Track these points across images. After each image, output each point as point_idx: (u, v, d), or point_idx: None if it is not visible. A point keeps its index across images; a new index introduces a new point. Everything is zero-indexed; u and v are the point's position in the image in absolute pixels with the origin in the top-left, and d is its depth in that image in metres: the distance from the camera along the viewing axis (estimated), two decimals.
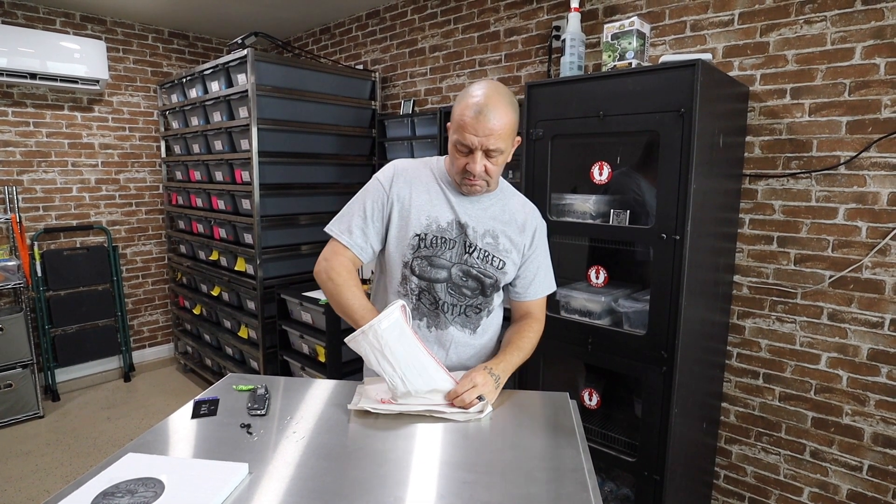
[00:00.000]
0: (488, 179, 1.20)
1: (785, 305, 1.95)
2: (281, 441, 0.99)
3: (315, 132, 3.05)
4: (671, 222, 1.61)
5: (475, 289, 1.28)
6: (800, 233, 1.89)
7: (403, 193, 1.26)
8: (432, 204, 1.25)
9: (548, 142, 1.90)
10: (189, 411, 1.11)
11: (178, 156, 3.61)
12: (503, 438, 1.01)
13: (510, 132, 1.15)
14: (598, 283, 1.94)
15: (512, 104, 1.15)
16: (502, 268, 1.28)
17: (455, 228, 1.25)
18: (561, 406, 1.15)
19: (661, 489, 1.69)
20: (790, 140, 1.87)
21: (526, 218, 1.31)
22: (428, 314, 1.29)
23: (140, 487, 0.82)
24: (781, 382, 1.99)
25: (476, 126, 1.12)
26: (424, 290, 1.27)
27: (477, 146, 1.13)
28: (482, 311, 1.31)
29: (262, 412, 1.09)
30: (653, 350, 1.70)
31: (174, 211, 3.71)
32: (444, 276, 1.26)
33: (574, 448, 0.97)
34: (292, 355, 2.87)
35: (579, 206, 1.94)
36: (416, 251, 1.25)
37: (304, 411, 1.11)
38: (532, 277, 1.33)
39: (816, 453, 1.94)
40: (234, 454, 0.94)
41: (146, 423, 3.11)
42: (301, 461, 0.92)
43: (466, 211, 1.26)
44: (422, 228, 1.24)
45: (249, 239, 2.92)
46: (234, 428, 1.03)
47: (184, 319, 3.86)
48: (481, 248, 1.25)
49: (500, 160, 1.18)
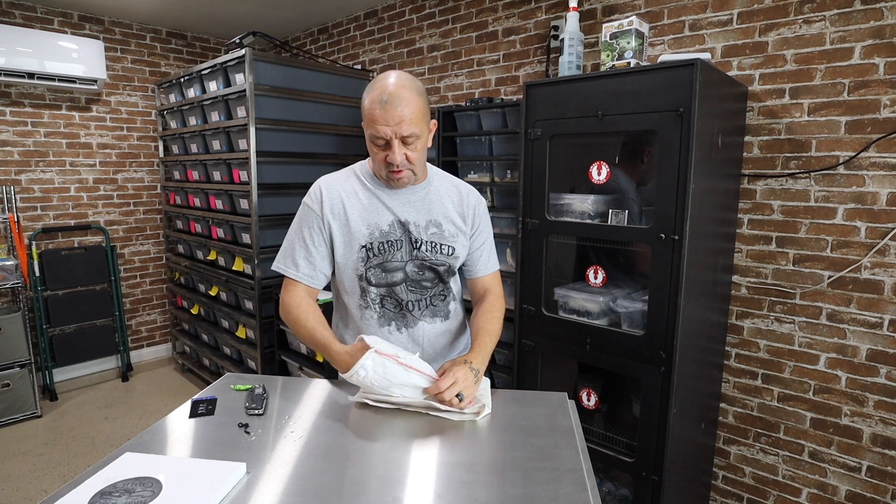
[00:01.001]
0: (412, 168, 1.21)
1: (784, 306, 1.95)
2: (279, 441, 0.99)
3: (313, 132, 3.04)
4: (670, 222, 1.62)
5: (433, 279, 1.31)
6: (799, 233, 1.89)
7: (337, 209, 1.26)
8: (368, 211, 1.26)
9: (546, 141, 1.90)
10: (187, 411, 1.11)
11: (175, 156, 3.60)
12: (501, 438, 1.01)
13: (421, 116, 1.16)
14: (597, 283, 1.94)
15: (416, 89, 1.16)
16: (452, 253, 1.30)
17: (398, 228, 1.26)
18: (559, 406, 1.15)
19: (659, 489, 1.70)
20: (789, 140, 1.87)
21: (462, 198, 1.33)
22: (395, 317, 1.30)
23: (137, 487, 0.82)
24: (780, 383, 1.99)
25: (385, 116, 1.13)
26: (385, 295, 1.29)
27: (391, 135, 1.15)
28: (447, 297, 1.34)
29: (260, 412, 1.09)
30: (651, 350, 1.70)
31: (172, 211, 3.70)
32: (400, 277, 1.28)
33: (573, 448, 0.97)
34: (290, 355, 2.87)
35: (578, 205, 1.94)
36: (367, 262, 1.26)
37: (302, 411, 1.11)
38: (480, 254, 1.37)
39: (815, 454, 1.94)
40: (232, 454, 0.94)
41: (144, 422, 3.10)
42: (299, 461, 0.92)
43: (403, 207, 1.27)
44: (365, 238, 1.25)
45: (247, 239, 2.92)
46: (232, 427, 1.03)
47: (182, 319, 3.86)
48: (427, 241, 1.27)
49: (419, 145, 1.19)
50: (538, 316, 1.99)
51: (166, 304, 4.10)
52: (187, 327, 3.84)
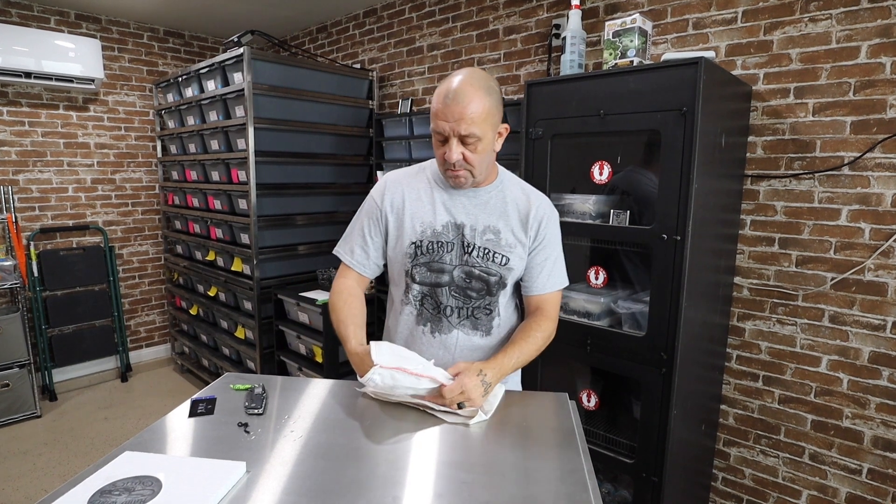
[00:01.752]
0: (471, 169, 1.17)
1: (786, 307, 1.96)
2: (279, 440, 0.99)
3: (312, 132, 3.05)
4: (672, 223, 1.62)
5: (481, 289, 1.26)
6: (802, 234, 1.90)
7: (396, 204, 1.27)
8: (426, 209, 1.26)
9: (547, 141, 1.91)
10: (186, 410, 1.11)
11: (174, 155, 3.61)
12: (502, 438, 1.01)
13: (485, 117, 1.12)
14: (598, 284, 1.95)
15: (487, 88, 1.12)
16: (506, 264, 1.25)
17: (451, 230, 1.25)
18: (560, 406, 1.15)
19: (659, 491, 1.70)
20: (793, 140, 1.88)
21: (530, 208, 1.27)
22: (431, 319, 1.29)
23: (137, 486, 0.82)
24: (781, 385, 1.99)
25: (446, 112, 1.11)
26: (427, 295, 1.28)
27: (449, 132, 1.12)
28: (493, 312, 1.29)
29: (260, 411, 1.10)
30: (652, 352, 1.70)
31: (170, 211, 3.71)
32: (446, 279, 1.26)
33: (574, 449, 0.97)
34: (289, 356, 2.88)
35: (579, 206, 1.95)
36: (413, 259, 1.26)
37: (302, 410, 1.12)
38: (539, 270, 1.29)
39: (816, 456, 1.94)
40: (232, 453, 0.94)
41: (143, 423, 3.11)
42: (299, 460, 0.93)
43: (463, 209, 1.25)
44: (416, 236, 1.25)
45: (246, 239, 2.93)
46: (232, 427, 1.04)
47: (180, 320, 3.87)
48: (480, 247, 1.24)
49: (480, 147, 1.15)
50: None
51: (165, 304, 4.11)
52: (186, 328, 3.85)
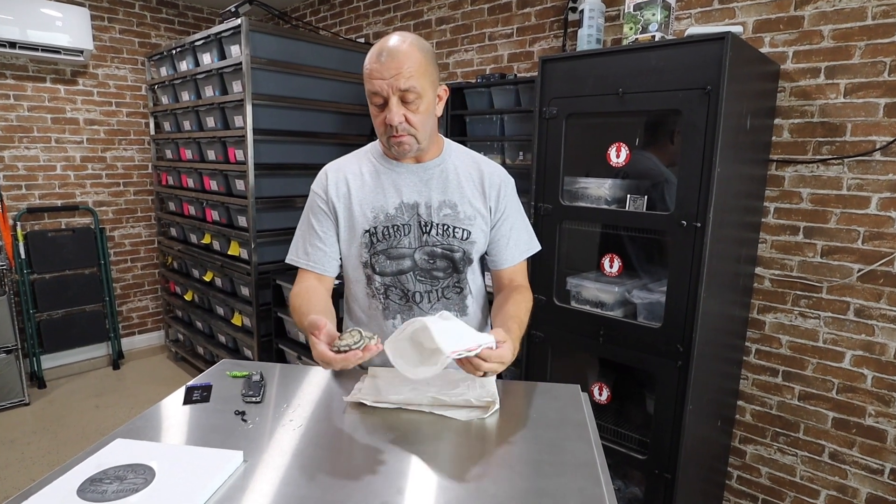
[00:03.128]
0: (414, 132, 1.14)
1: (809, 300, 1.94)
2: (277, 429, 0.99)
3: (313, 109, 3.02)
4: (692, 209, 1.60)
5: (447, 268, 1.25)
6: (828, 223, 1.87)
7: (342, 192, 1.25)
8: (375, 193, 1.23)
9: (562, 121, 1.88)
10: (181, 397, 1.11)
11: (167, 133, 3.59)
12: (511, 431, 1.01)
13: (423, 71, 1.10)
14: (612, 273, 1.94)
15: (421, 46, 1.11)
16: (467, 238, 1.23)
17: (405, 211, 1.22)
18: (572, 398, 1.14)
19: (672, 488, 1.70)
20: (822, 123, 1.84)
21: (483, 176, 1.25)
22: (400, 310, 1.27)
23: (129, 474, 0.82)
24: (802, 381, 1.98)
25: (382, 69, 1.08)
26: (390, 285, 1.26)
27: (388, 91, 1.09)
28: (464, 290, 1.28)
29: (258, 399, 1.09)
30: (668, 344, 1.69)
31: (164, 192, 3.70)
32: (407, 265, 1.24)
33: (586, 442, 0.97)
34: (288, 344, 2.88)
35: (594, 190, 1.92)
36: (370, 248, 1.24)
37: (301, 399, 1.11)
38: (506, 241, 1.28)
39: (836, 455, 1.94)
40: (229, 442, 0.94)
41: (135, 412, 3.13)
42: (298, 450, 0.92)
43: (414, 187, 1.23)
44: (369, 223, 1.23)
45: (244, 222, 2.92)
46: (228, 415, 1.03)
47: (175, 306, 3.87)
48: (439, 224, 1.22)
49: (422, 105, 1.12)
50: (549, 306, 1.99)
51: (158, 289, 4.12)
52: (180, 314, 3.86)
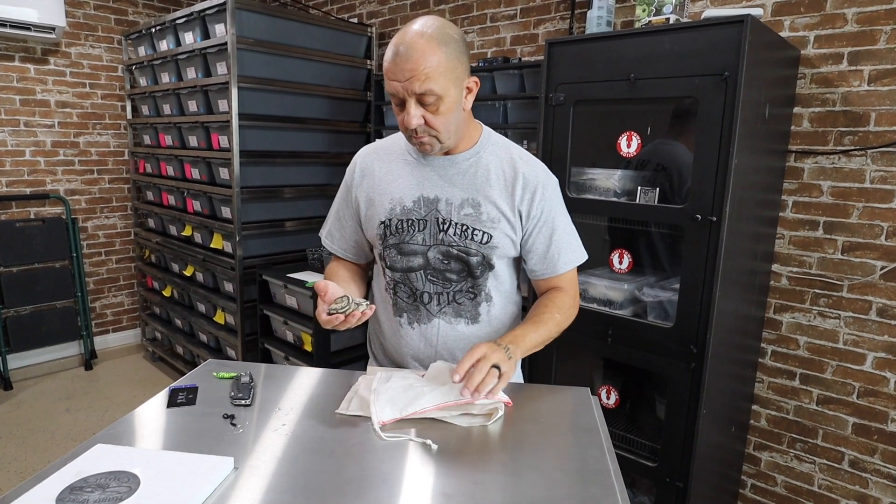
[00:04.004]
0: (436, 134, 1.12)
1: (829, 299, 1.95)
2: (269, 434, 0.98)
3: (303, 93, 3.01)
4: (707, 202, 1.61)
5: (461, 271, 1.22)
6: (850, 218, 1.88)
7: (367, 181, 1.27)
8: (396, 183, 1.23)
9: (569, 108, 1.88)
10: (164, 400, 1.10)
11: (146, 117, 3.57)
12: (517, 436, 1.00)
13: (442, 71, 1.05)
14: (622, 269, 1.94)
15: (442, 37, 1.05)
16: (487, 242, 1.20)
17: (423, 206, 1.21)
18: (581, 402, 1.14)
19: (684, 497, 1.71)
20: (844, 112, 1.85)
21: (517, 176, 1.20)
22: (407, 309, 1.27)
23: (112, 482, 0.81)
24: (820, 384, 2.00)
25: (396, 70, 1.06)
26: (399, 282, 1.26)
27: (403, 93, 1.07)
28: (478, 296, 1.25)
29: (247, 402, 1.09)
30: (681, 344, 1.70)
31: (141, 180, 3.67)
32: (419, 262, 1.23)
33: (598, 448, 0.97)
34: (275, 343, 2.88)
35: (602, 181, 1.93)
36: (384, 240, 1.24)
37: (294, 401, 1.11)
38: (545, 250, 1.24)
39: (856, 463, 1.95)
40: (217, 447, 0.93)
41: (110, 415, 3.12)
42: (292, 456, 0.92)
43: (437, 182, 1.21)
44: (385, 214, 1.23)
45: (228, 213, 2.90)
46: (216, 419, 1.03)
47: (152, 302, 3.85)
48: (457, 223, 1.19)
49: (443, 107, 1.08)
50: None
51: (135, 284, 4.09)
52: (158, 311, 3.84)
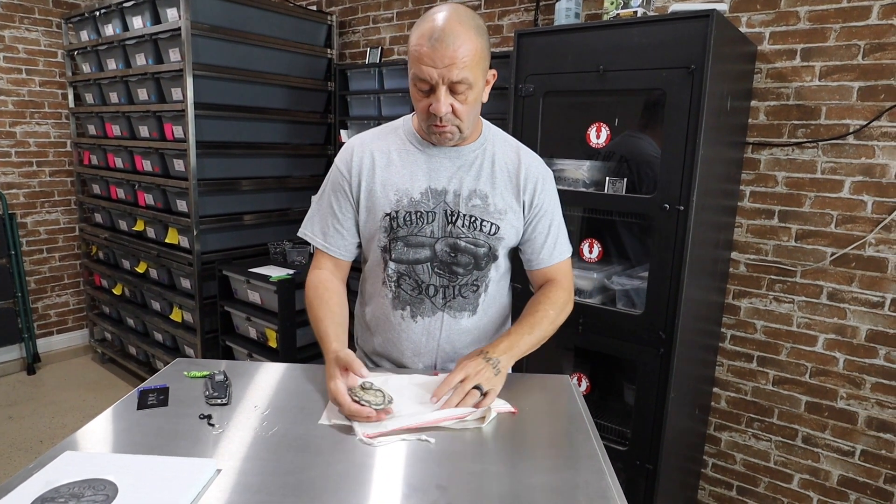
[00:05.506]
0: (459, 123, 1.13)
1: (783, 284, 2.04)
2: (250, 433, 0.95)
3: (262, 82, 2.93)
4: (675, 191, 1.64)
5: (468, 263, 1.22)
6: (803, 207, 1.97)
7: (366, 171, 1.22)
8: (401, 175, 1.21)
9: (539, 99, 1.89)
10: (134, 402, 1.05)
11: (90, 106, 3.39)
12: (505, 425, 1.01)
13: (477, 60, 1.07)
14: (591, 259, 1.97)
15: (477, 27, 1.08)
16: (495, 233, 1.21)
17: (432, 198, 1.20)
18: (563, 390, 1.16)
19: (654, 478, 1.76)
20: (797, 106, 1.93)
21: (520, 168, 1.23)
22: (411, 301, 1.25)
23: (87, 490, 0.77)
24: (776, 366, 2.09)
25: (434, 55, 1.04)
26: (403, 274, 1.24)
27: (437, 80, 1.06)
28: (479, 288, 1.26)
29: (224, 401, 1.05)
30: (650, 331, 1.74)
31: (86, 173, 3.51)
32: (426, 254, 1.22)
33: (584, 433, 0.98)
34: (237, 340, 2.80)
35: (571, 172, 1.95)
36: (389, 233, 1.21)
37: (274, 399, 1.08)
38: (543, 240, 1.27)
39: (809, 439, 2.06)
40: (196, 449, 0.90)
41: (58, 421, 2.97)
42: (278, 455, 0.89)
43: (445, 172, 1.21)
44: (391, 206, 1.20)
45: (184, 206, 2.80)
46: (192, 419, 0.99)
47: (101, 301, 3.70)
48: (466, 214, 1.20)
49: (471, 97, 1.10)
50: (525, 294, 1.99)
51: (81, 283, 3.91)
52: (108, 310, 3.69)
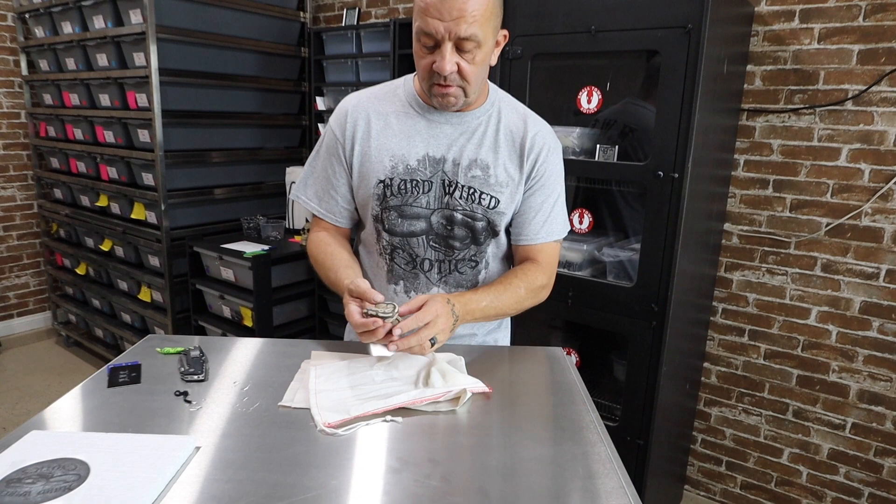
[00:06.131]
0: (465, 85, 1.07)
1: (777, 256, 2.06)
2: (230, 409, 0.93)
3: (230, 47, 2.86)
4: (669, 158, 1.64)
5: (465, 237, 1.20)
6: (798, 176, 1.98)
7: (361, 134, 1.18)
8: (398, 139, 1.17)
9: (527, 62, 1.86)
10: (104, 380, 1.02)
11: (45, 73, 3.29)
12: (500, 397, 1.00)
13: (488, 16, 1.02)
14: (582, 230, 1.97)
15: None
16: (495, 207, 1.17)
17: (429, 166, 1.16)
18: (557, 361, 1.15)
19: (645, 454, 1.79)
20: (795, 71, 1.93)
21: (526, 135, 1.18)
22: (404, 276, 1.23)
23: (56, 470, 0.74)
24: (768, 339, 2.13)
25: (441, 7, 0.99)
26: (397, 247, 1.21)
27: (444, 34, 1.00)
28: (479, 264, 1.24)
29: (201, 377, 1.02)
30: (642, 304, 1.75)
31: (44, 145, 3.42)
32: (421, 227, 1.19)
33: (581, 404, 0.98)
34: (210, 320, 2.78)
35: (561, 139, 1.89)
36: (382, 202, 1.18)
37: (253, 374, 1.05)
38: (534, 214, 1.21)
39: (799, 413, 2.11)
40: (173, 427, 0.87)
41: (22, 407, 2.93)
42: (259, 431, 0.87)
43: (445, 139, 1.17)
44: (385, 173, 1.16)
45: (150, 180, 2.74)
46: (168, 396, 0.96)
47: (63, 281, 3.64)
48: (464, 185, 1.16)
49: (479, 57, 1.04)
50: None
51: (41, 263, 3.82)
52: (72, 291, 3.63)
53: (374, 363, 1.06)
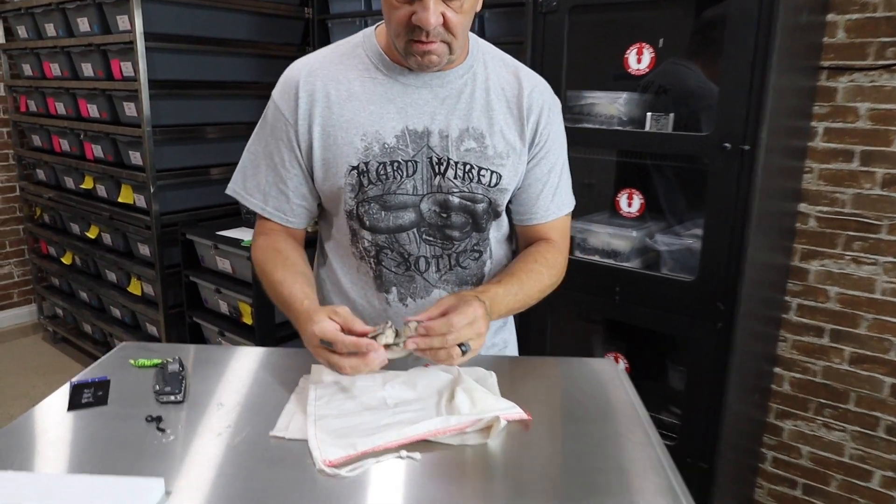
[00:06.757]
0: (450, 40, 0.95)
1: (864, 242, 1.93)
2: (210, 440, 0.85)
3: (224, 7, 2.86)
4: (739, 127, 1.53)
5: (464, 225, 1.09)
6: (891, 146, 1.84)
7: (317, 107, 1.05)
8: (368, 112, 1.04)
9: (564, 16, 1.78)
10: (64, 399, 0.95)
11: (22, 41, 3.33)
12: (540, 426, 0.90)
13: None
14: (631, 213, 1.90)
15: None
16: (497, 184, 1.08)
17: (411, 142, 1.05)
18: (611, 377, 1.07)
19: (710, 480, 1.69)
20: (887, 19, 1.78)
21: (522, 93, 1.08)
22: (397, 281, 1.11)
23: None
24: (853, 341, 2.00)
25: None
26: (384, 246, 1.09)
27: None
28: (483, 254, 1.15)
29: (179, 397, 0.95)
30: (705, 301, 1.65)
31: (24, 121, 3.49)
32: (410, 218, 1.07)
33: (640, 434, 0.89)
34: (206, 316, 2.79)
35: (604, 106, 1.85)
36: (357, 193, 1.05)
37: (243, 394, 0.99)
38: (541, 187, 1.13)
39: (893, 429, 1.97)
40: (141, 463, 0.80)
41: (3, 412, 2.98)
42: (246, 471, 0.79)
43: (425, 107, 1.05)
44: (358, 157, 1.04)
45: (138, 159, 2.75)
46: (138, 423, 0.89)
47: (49, 272, 3.73)
48: (458, 162, 1.05)
49: (466, 5, 0.94)
50: None
51: (25, 251, 3.90)
52: (58, 283, 3.71)
53: (386, 380, 0.97)
